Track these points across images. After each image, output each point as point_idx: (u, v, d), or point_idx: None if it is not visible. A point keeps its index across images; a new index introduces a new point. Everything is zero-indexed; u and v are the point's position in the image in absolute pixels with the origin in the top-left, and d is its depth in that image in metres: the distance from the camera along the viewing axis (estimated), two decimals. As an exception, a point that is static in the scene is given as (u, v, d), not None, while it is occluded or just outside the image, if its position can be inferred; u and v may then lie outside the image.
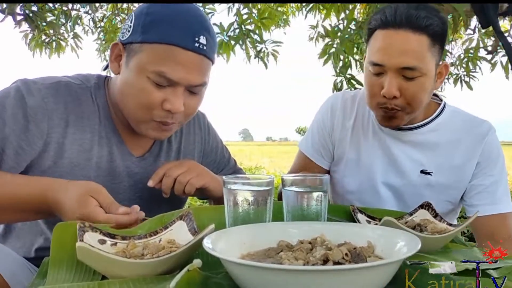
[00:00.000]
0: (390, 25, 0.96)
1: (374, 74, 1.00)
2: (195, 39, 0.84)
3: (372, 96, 1.03)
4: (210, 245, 0.54)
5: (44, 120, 0.85)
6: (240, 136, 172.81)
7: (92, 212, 0.70)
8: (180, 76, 0.84)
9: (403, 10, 0.96)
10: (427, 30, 0.95)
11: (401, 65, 0.95)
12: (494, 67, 3.58)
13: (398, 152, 1.10)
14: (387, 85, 0.97)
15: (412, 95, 0.98)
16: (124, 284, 0.54)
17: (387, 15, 0.97)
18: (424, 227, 0.78)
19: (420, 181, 1.09)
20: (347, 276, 0.46)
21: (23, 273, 0.81)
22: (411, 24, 0.95)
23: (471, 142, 1.07)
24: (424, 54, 0.96)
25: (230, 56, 3.72)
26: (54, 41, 4.25)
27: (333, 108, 1.20)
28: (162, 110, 0.86)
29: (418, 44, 0.95)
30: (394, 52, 0.96)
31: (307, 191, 0.75)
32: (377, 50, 0.98)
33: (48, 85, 0.88)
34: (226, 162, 1.17)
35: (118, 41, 0.90)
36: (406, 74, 0.96)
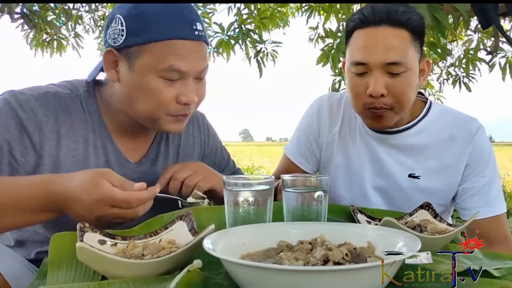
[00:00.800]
0: (369, 23, 0.95)
1: (358, 75, 0.98)
2: (193, 27, 0.85)
3: (357, 98, 1.00)
4: (210, 245, 0.54)
5: (36, 132, 0.83)
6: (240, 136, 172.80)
7: (108, 191, 0.67)
8: (189, 66, 0.84)
9: (381, 7, 0.95)
10: (407, 25, 0.94)
11: (386, 60, 0.94)
12: (493, 68, 3.59)
13: (385, 156, 1.08)
14: (373, 83, 0.95)
15: (399, 91, 0.96)
16: (124, 285, 0.54)
17: (365, 13, 0.96)
18: (424, 228, 0.78)
19: (409, 185, 1.07)
20: (347, 276, 0.46)
21: (24, 273, 0.81)
22: (391, 20, 0.94)
23: (460, 142, 1.04)
24: (407, 48, 0.95)
25: (230, 56, 3.72)
26: (55, 40, 4.26)
27: (319, 111, 1.18)
28: (178, 105, 0.86)
29: (400, 39, 0.94)
30: (377, 48, 0.94)
31: (307, 191, 0.75)
32: (359, 49, 0.96)
33: (36, 96, 0.85)
34: (225, 163, 1.16)
35: (109, 47, 0.86)
36: (391, 70, 0.94)
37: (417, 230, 0.75)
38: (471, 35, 3.81)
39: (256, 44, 3.77)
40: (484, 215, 1.01)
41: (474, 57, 3.79)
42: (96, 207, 0.67)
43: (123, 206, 0.68)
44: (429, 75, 1.08)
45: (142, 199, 0.70)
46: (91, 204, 0.67)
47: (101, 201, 0.67)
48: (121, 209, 0.68)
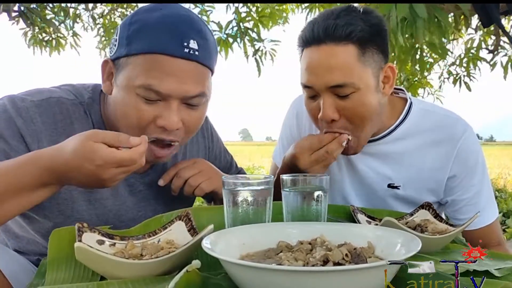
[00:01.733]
0: (310, 42, 0.88)
1: (309, 98, 0.92)
2: (184, 44, 0.74)
3: (316, 122, 0.95)
4: (209, 245, 0.54)
5: (34, 142, 0.79)
6: (239, 136, 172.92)
7: (109, 154, 0.65)
8: (171, 88, 0.75)
9: (320, 23, 0.87)
10: (351, 38, 0.86)
11: (329, 83, 0.86)
12: (494, 67, 3.59)
13: (363, 166, 1.03)
14: (322, 108, 0.89)
15: (352, 114, 0.89)
16: (123, 285, 0.54)
17: (306, 32, 0.89)
18: (424, 228, 0.78)
19: (389, 195, 1.02)
20: (347, 276, 0.46)
21: (25, 272, 0.81)
22: (330, 37, 0.86)
23: (443, 147, 0.97)
24: (353, 66, 0.86)
25: (228, 54, 3.72)
26: (53, 39, 4.25)
27: (298, 115, 1.12)
28: (156, 127, 0.78)
29: (344, 57, 0.86)
30: (320, 70, 0.87)
31: (307, 191, 0.75)
32: (304, 72, 0.90)
33: (37, 102, 0.81)
34: (229, 167, 1.14)
35: (108, 57, 0.82)
36: (338, 93, 0.87)
37: (417, 230, 0.75)
38: (472, 33, 3.80)
39: (255, 42, 3.77)
40: (475, 225, 0.97)
41: (475, 56, 3.78)
42: (101, 172, 0.66)
43: (128, 164, 0.67)
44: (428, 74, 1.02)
45: (143, 151, 0.68)
46: (96, 170, 0.65)
47: (105, 165, 0.65)
48: (126, 167, 0.67)
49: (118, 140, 0.66)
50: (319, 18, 0.90)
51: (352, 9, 0.89)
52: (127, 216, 0.90)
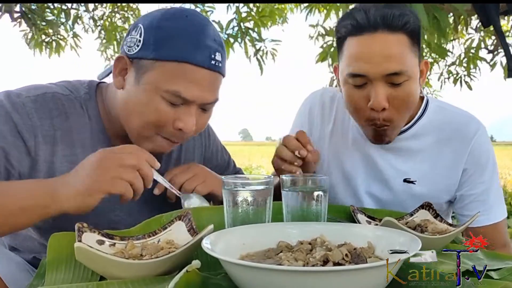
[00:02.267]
0: (364, 29, 0.87)
1: (356, 87, 0.91)
2: (211, 56, 0.80)
3: (357, 112, 0.94)
4: (209, 245, 0.54)
5: (31, 138, 0.80)
6: (239, 136, 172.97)
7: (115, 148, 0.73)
8: (195, 95, 0.80)
9: (375, 11, 0.87)
10: (405, 29, 0.87)
11: (387, 71, 0.86)
12: (494, 67, 3.59)
13: (380, 160, 1.03)
14: (374, 96, 0.88)
15: (401, 103, 0.90)
16: (122, 285, 0.54)
17: (358, 19, 0.87)
18: (424, 228, 0.78)
19: (403, 190, 1.02)
20: (347, 277, 0.46)
21: (22, 274, 0.81)
22: (387, 25, 0.86)
23: (457, 144, 0.99)
24: (407, 55, 0.88)
25: (229, 54, 3.72)
26: (54, 41, 4.25)
27: (311, 111, 1.13)
28: (173, 129, 0.82)
29: (399, 46, 0.87)
30: (376, 58, 0.86)
31: (307, 191, 0.75)
32: (355, 60, 0.89)
33: (33, 98, 0.82)
34: (226, 165, 1.15)
35: (123, 54, 0.84)
36: (393, 81, 0.87)
37: (417, 230, 0.75)
38: (472, 33, 3.80)
39: (255, 42, 3.77)
40: (482, 223, 0.98)
41: (475, 56, 3.78)
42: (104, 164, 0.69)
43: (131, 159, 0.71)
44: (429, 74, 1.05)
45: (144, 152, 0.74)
46: (96, 162, 0.70)
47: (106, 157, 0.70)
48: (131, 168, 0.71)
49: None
50: (369, 6, 0.89)
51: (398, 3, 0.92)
52: (122, 211, 0.91)
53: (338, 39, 0.94)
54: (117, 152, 0.72)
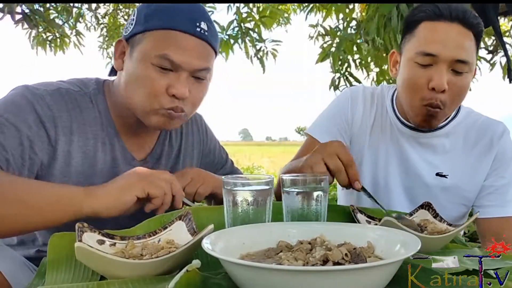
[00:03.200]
0: (444, 17, 0.97)
1: (422, 66, 0.98)
2: (196, 24, 0.85)
3: (416, 91, 1.00)
4: (209, 245, 0.54)
5: (52, 128, 0.84)
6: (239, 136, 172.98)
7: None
8: (183, 60, 0.84)
9: (457, 5, 0.98)
10: (475, 29, 0.97)
11: (457, 57, 0.95)
12: (493, 67, 3.59)
13: (413, 155, 1.09)
14: (439, 76, 0.95)
15: (458, 90, 0.98)
16: (123, 285, 0.54)
17: (440, 8, 0.97)
18: (424, 227, 0.78)
19: (435, 184, 1.08)
20: (347, 276, 0.46)
21: (24, 272, 0.81)
22: (464, 20, 0.96)
23: (486, 143, 1.07)
24: (473, 50, 0.98)
25: (229, 55, 3.72)
26: (58, 38, 4.26)
27: (353, 99, 1.16)
28: (168, 97, 0.86)
29: (469, 40, 0.97)
30: (451, 43, 0.95)
31: (307, 191, 0.75)
32: (431, 40, 0.97)
33: (50, 92, 0.87)
34: (223, 162, 1.17)
35: (122, 38, 0.90)
36: (457, 68, 0.96)
37: (417, 230, 0.75)
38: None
39: (256, 43, 3.77)
40: (497, 214, 1.03)
41: (475, 56, 3.78)
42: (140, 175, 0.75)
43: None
44: None
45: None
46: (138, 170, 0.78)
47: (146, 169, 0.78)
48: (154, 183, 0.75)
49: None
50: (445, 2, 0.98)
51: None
52: None
53: (410, 22, 1.02)
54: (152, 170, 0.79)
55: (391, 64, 1.10)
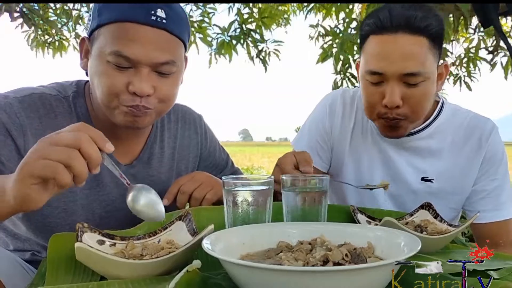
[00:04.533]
0: (386, 29, 0.90)
1: (373, 84, 0.94)
2: (151, 12, 0.77)
3: (371, 107, 0.97)
4: (209, 245, 0.54)
5: (20, 136, 0.80)
6: (240, 136, 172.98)
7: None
8: (138, 53, 0.77)
9: (399, 12, 0.89)
10: (426, 31, 0.89)
11: (403, 71, 0.89)
12: (494, 67, 3.59)
13: (398, 159, 1.05)
14: (389, 94, 0.91)
15: (416, 102, 0.93)
16: (123, 285, 0.54)
17: (381, 18, 0.90)
18: (424, 228, 0.78)
19: (422, 189, 1.04)
20: (347, 276, 0.46)
21: (20, 275, 0.81)
22: (409, 27, 0.89)
23: (474, 143, 1.03)
24: (426, 57, 0.90)
25: (232, 56, 3.72)
26: (56, 41, 4.26)
27: (332, 107, 1.13)
28: (129, 94, 0.79)
29: (418, 47, 0.89)
30: (394, 58, 0.89)
31: (307, 191, 0.75)
32: (374, 58, 0.92)
33: (20, 98, 0.83)
34: (224, 164, 1.14)
35: (85, 36, 0.85)
36: (409, 81, 0.90)
37: (417, 230, 0.75)
38: (471, 33, 3.80)
39: (258, 43, 3.77)
40: (492, 219, 1.00)
41: (475, 56, 3.78)
42: (38, 146, 0.59)
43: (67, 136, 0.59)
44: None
45: (92, 131, 0.60)
46: (35, 146, 0.60)
47: (45, 138, 0.60)
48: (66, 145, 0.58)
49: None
50: (393, 6, 0.90)
51: (423, 4, 0.92)
52: (113, 207, 0.91)
53: (361, 36, 0.97)
54: (59, 132, 0.61)
55: (358, 75, 1.04)
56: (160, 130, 1.00)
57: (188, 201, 0.89)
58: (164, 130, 1.01)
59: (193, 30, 3.62)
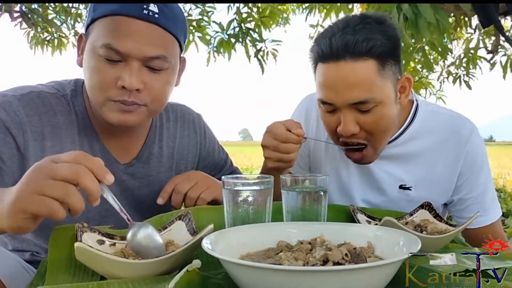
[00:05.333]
0: (328, 57, 0.86)
1: (328, 112, 0.91)
2: (143, 6, 0.78)
3: (332, 134, 0.94)
4: (209, 245, 0.54)
5: (19, 134, 0.80)
6: (239, 136, 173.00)
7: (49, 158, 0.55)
8: (129, 47, 0.77)
9: (338, 39, 0.84)
10: (371, 54, 0.84)
11: (350, 101, 0.86)
12: (493, 67, 3.60)
13: (375, 168, 1.02)
14: (343, 123, 0.88)
15: (372, 127, 0.89)
16: (123, 285, 0.54)
17: (322, 47, 0.86)
18: (424, 228, 0.78)
19: (400, 197, 1.02)
20: (347, 276, 0.46)
21: (20, 274, 0.81)
22: (350, 53, 0.84)
23: (452, 147, 0.99)
24: (374, 81, 0.85)
25: (231, 55, 3.72)
26: (56, 39, 4.26)
27: (308, 112, 1.11)
28: (118, 89, 0.79)
29: (364, 73, 0.84)
30: (340, 87, 0.85)
31: (307, 191, 0.75)
32: (322, 87, 0.89)
33: (19, 96, 0.83)
34: (223, 164, 1.14)
35: (83, 33, 0.86)
36: (360, 108, 0.87)
37: (417, 230, 0.75)
38: (471, 33, 3.81)
39: (256, 43, 3.77)
40: (480, 224, 0.99)
41: (475, 56, 3.79)
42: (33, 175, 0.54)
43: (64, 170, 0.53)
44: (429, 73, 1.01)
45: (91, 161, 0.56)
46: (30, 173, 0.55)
47: (41, 166, 0.55)
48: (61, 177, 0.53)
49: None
50: (335, 31, 0.86)
51: (367, 21, 0.86)
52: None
53: (312, 63, 0.93)
54: (56, 160, 0.56)
55: None
56: (159, 130, 1.00)
57: (183, 201, 0.89)
58: (163, 129, 1.01)
59: (192, 29, 3.63)
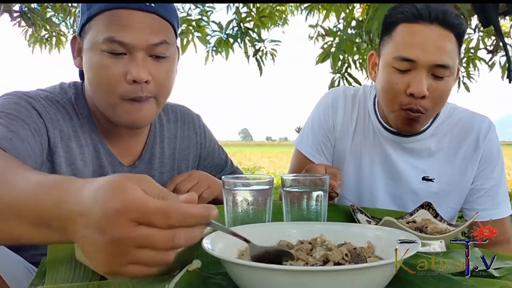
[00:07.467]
0: (422, 19, 0.91)
1: (400, 71, 0.93)
2: None
3: (394, 96, 0.95)
4: (209, 245, 0.54)
5: (51, 128, 0.82)
6: (239, 136, 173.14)
7: (136, 198, 0.39)
8: (133, 37, 0.77)
9: (437, 5, 0.92)
10: (456, 29, 0.92)
11: (437, 62, 0.90)
12: (493, 67, 3.60)
13: (398, 160, 1.06)
14: (418, 83, 0.91)
15: (439, 95, 0.94)
16: (123, 285, 0.54)
17: (419, 8, 0.91)
18: (424, 227, 0.78)
19: (422, 188, 1.05)
20: (347, 276, 0.46)
21: (23, 273, 0.81)
22: (444, 21, 0.90)
23: (471, 142, 1.04)
24: (455, 52, 0.93)
25: (229, 54, 3.72)
26: (54, 37, 4.26)
27: (334, 104, 1.13)
28: (128, 85, 0.79)
29: (449, 42, 0.91)
30: (429, 47, 0.90)
31: (307, 191, 0.75)
32: (408, 45, 0.92)
33: (43, 96, 0.84)
34: (224, 164, 1.14)
35: (76, 34, 0.86)
36: (437, 73, 0.91)
37: (417, 230, 0.75)
38: (471, 33, 3.81)
39: (255, 43, 3.78)
40: (490, 217, 1.00)
41: (474, 56, 3.79)
42: (111, 223, 0.39)
43: (156, 223, 0.40)
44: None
45: (189, 214, 0.43)
46: (105, 218, 0.39)
47: (122, 213, 0.39)
48: (152, 229, 0.40)
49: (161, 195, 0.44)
50: (424, 2, 0.92)
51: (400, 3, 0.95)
52: None
53: (388, 23, 0.97)
54: (142, 211, 0.40)
55: (370, 66, 1.05)
56: (160, 130, 1.00)
57: None
58: (164, 130, 1.01)
59: (191, 29, 3.63)
